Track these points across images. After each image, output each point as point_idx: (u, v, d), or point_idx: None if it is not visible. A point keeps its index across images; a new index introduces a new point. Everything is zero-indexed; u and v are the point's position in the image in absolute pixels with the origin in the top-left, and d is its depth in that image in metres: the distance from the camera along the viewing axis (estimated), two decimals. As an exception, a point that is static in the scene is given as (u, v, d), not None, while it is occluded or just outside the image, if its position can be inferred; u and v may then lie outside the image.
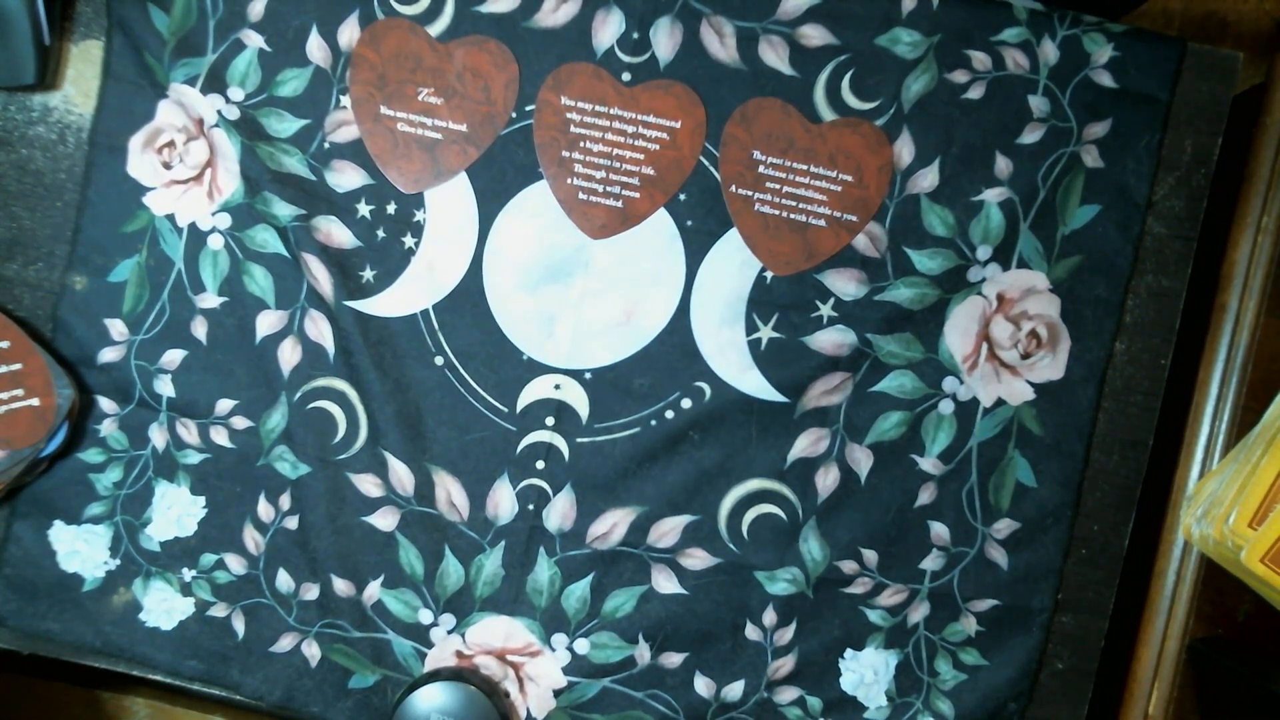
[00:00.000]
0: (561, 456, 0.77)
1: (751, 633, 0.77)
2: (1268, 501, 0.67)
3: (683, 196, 0.75)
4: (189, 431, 0.78)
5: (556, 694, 0.78)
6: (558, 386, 0.77)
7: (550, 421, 0.77)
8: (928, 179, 0.74)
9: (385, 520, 0.77)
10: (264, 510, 0.78)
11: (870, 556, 0.76)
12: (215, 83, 0.75)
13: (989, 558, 0.77)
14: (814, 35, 0.73)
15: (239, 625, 0.79)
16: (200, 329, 0.77)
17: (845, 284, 0.75)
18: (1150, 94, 0.74)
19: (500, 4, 0.74)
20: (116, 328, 0.77)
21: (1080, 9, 0.74)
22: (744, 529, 0.77)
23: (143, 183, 0.76)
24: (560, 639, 0.78)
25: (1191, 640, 0.75)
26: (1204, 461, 0.75)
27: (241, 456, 0.78)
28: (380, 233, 0.76)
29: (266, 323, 0.76)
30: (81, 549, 0.78)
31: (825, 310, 0.75)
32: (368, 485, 0.77)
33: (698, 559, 0.77)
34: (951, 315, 0.75)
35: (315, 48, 0.75)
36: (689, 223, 0.75)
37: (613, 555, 0.77)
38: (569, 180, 0.75)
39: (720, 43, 0.74)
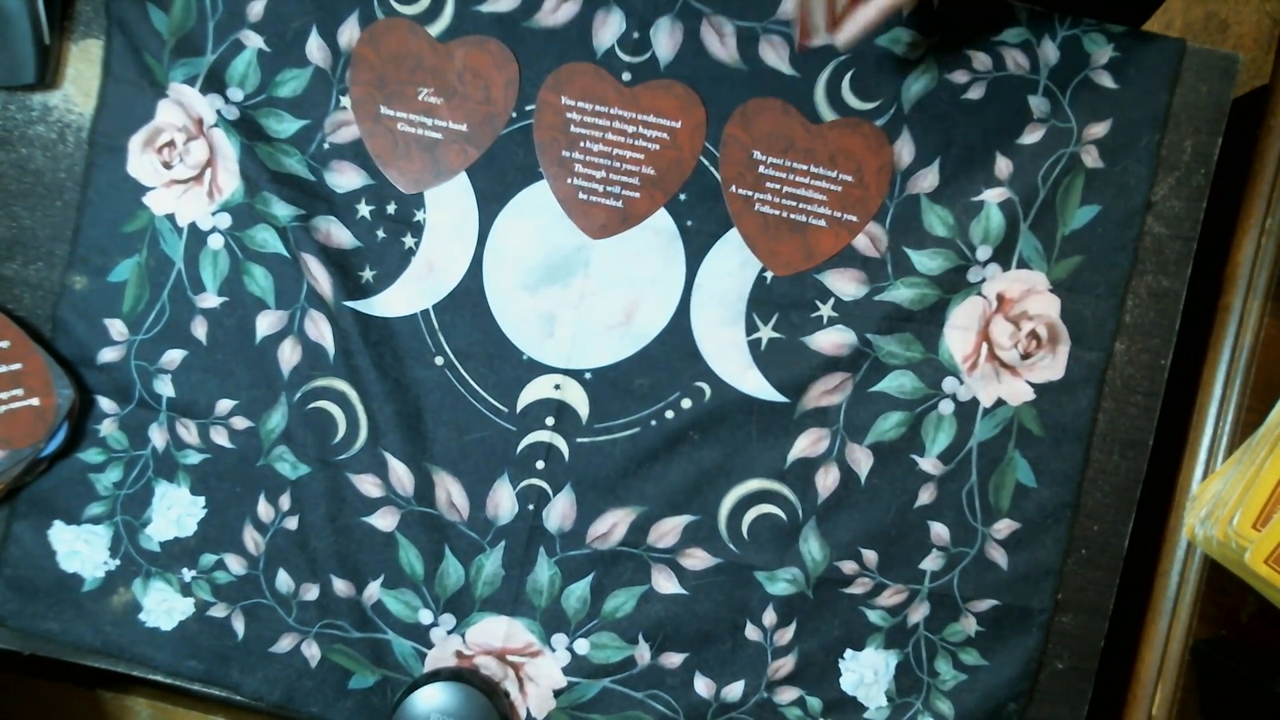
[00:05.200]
0: (561, 456, 0.77)
1: (751, 633, 0.77)
2: (1272, 503, 0.66)
3: (683, 196, 0.75)
4: (189, 431, 0.78)
5: (556, 694, 0.78)
6: (558, 386, 0.76)
7: (550, 421, 0.77)
8: (928, 179, 0.74)
9: (385, 520, 0.77)
10: (264, 510, 0.78)
11: (870, 556, 0.76)
12: (214, 83, 0.75)
13: (989, 558, 0.76)
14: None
15: (239, 625, 0.78)
16: (200, 329, 0.77)
17: (845, 284, 0.75)
18: (1150, 94, 0.74)
19: (500, 4, 0.74)
20: (116, 328, 0.77)
21: (1104, 18, 0.73)
22: (744, 529, 0.77)
23: (143, 182, 0.76)
24: (560, 639, 0.78)
25: (1195, 641, 0.74)
26: (1208, 463, 0.75)
27: (241, 457, 0.78)
28: (380, 233, 0.76)
29: (266, 323, 0.76)
30: (81, 549, 0.78)
31: (825, 310, 0.75)
32: (368, 485, 0.77)
33: (698, 559, 0.77)
34: (951, 315, 0.75)
35: (315, 48, 0.75)
36: (689, 223, 0.75)
37: (613, 555, 0.77)
38: (569, 180, 0.75)
39: (720, 42, 0.74)
